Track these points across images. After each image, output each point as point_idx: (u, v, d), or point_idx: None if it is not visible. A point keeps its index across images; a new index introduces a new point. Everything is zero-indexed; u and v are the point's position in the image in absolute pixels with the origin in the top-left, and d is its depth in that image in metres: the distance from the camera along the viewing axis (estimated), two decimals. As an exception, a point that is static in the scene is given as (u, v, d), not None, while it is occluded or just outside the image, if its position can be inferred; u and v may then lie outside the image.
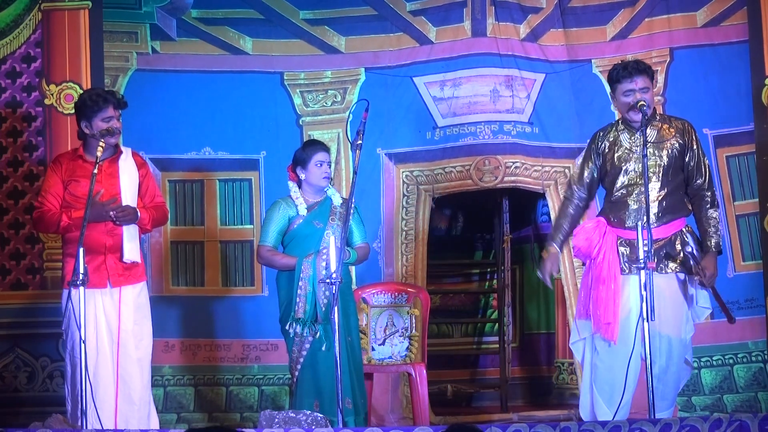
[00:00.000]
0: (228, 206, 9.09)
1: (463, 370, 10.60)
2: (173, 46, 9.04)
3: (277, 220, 7.54)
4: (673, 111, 8.52)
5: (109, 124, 7.14)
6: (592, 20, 9.00)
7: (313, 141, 7.84)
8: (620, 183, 7.03)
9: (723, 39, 8.74)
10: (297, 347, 7.39)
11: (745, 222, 8.67)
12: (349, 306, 7.48)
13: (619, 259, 6.98)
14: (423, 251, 9.00)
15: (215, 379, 8.94)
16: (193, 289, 8.95)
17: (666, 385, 6.90)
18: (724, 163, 8.72)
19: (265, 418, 6.68)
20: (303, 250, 7.41)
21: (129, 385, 7.14)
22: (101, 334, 7.12)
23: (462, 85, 9.04)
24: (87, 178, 7.07)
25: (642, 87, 6.91)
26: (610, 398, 6.91)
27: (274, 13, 9.09)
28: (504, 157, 8.97)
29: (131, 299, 7.23)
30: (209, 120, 9.04)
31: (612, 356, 6.90)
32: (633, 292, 6.84)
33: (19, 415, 8.33)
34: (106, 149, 7.14)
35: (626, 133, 7.07)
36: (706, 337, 8.34)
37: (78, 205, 7.10)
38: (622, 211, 7.01)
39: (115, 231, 7.18)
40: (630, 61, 7.14)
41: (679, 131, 7.01)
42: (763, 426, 5.88)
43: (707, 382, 8.64)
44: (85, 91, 7.47)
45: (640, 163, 6.90)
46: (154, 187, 7.50)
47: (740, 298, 8.58)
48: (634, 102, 6.89)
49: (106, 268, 7.17)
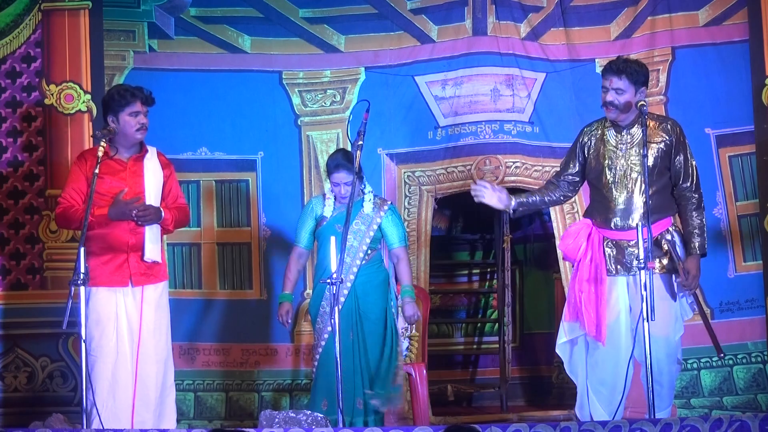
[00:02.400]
0: (225, 208, 9.10)
1: (463, 370, 10.71)
2: (171, 44, 9.07)
3: (307, 221, 7.72)
4: (676, 110, 8.64)
5: (136, 119, 7.16)
6: (595, 19, 9.03)
7: (338, 159, 7.66)
8: (604, 181, 7.06)
9: (725, 38, 8.79)
10: (315, 347, 7.58)
11: (747, 222, 8.72)
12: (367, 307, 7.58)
13: (605, 260, 7.03)
14: (426, 252, 9.04)
15: (215, 384, 8.96)
16: (189, 292, 8.94)
17: (661, 386, 6.92)
18: (726, 162, 8.76)
19: (265, 418, 6.77)
20: (324, 251, 7.44)
21: (147, 385, 7.12)
22: (122, 333, 7.11)
23: (463, 84, 9.07)
24: (112, 174, 7.15)
25: (616, 87, 6.93)
26: (604, 399, 6.99)
27: (274, 12, 9.12)
28: (504, 157, 9.00)
29: (153, 299, 7.22)
30: (206, 120, 9.05)
31: (605, 357, 6.97)
32: (621, 294, 6.95)
33: (19, 415, 8.35)
34: (130, 147, 7.21)
35: (613, 130, 7.10)
36: (706, 338, 8.19)
37: (101, 203, 7.11)
38: (607, 211, 7.04)
39: (138, 230, 7.16)
40: (618, 60, 7.15)
41: (666, 131, 7.02)
42: (764, 426, 5.95)
43: (707, 384, 8.67)
44: (113, 87, 7.46)
45: (625, 162, 6.97)
46: (177, 188, 7.48)
47: (741, 298, 8.68)
48: (605, 100, 6.97)
49: (128, 266, 7.15)
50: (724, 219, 8.75)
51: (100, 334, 7.05)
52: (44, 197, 8.71)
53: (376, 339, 7.58)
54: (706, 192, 8.43)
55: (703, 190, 7.20)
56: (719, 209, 8.76)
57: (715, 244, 8.63)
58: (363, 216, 7.63)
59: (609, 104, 6.96)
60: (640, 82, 7.01)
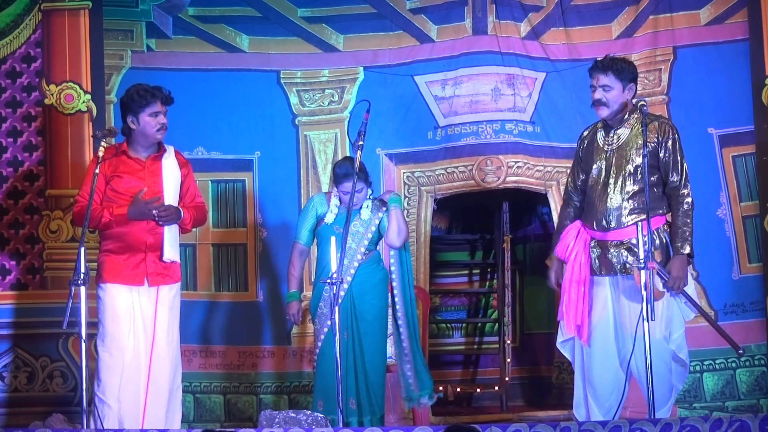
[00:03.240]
0: (221, 208, 9.10)
1: (463, 370, 10.67)
2: (168, 44, 9.09)
3: (308, 218, 7.71)
4: (678, 110, 8.68)
5: (156, 119, 7.16)
6: (596, 18, 9.05)
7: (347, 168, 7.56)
8: (590, 183, 7.13)
9: (728, 37, 8.78)
10: (314, 348, 7.62)
11: (752, 223, 8.69)
12: (363, 307, 7.60)
13: (590, 261, 7.06)
14: (425, 253, 9.05)
15: (212, 387, 8.96)
16: (185, 293, 8.41)
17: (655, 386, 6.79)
18: (730, 163, 8.73)
19: (265, 418, 6.81)
20: (323, 252, 7.56)
21: (159, 384, 7.13)
22: (137, 332, 7.13)
23: (463, 84, 9.09)
24: (131, 174, 7.18)
25: (603, 84, 7.01)
26: (598, 398, 7.03)
27: (272, 11, 9.14)
28: (506, 157, 9.02)
29: (167, 299, 7.23)
30: (203, 119, 9.05)
31: (591, 358, 7.03)
32: (606, 294, 7.00)
33: (19, 415, 8.38)
34: (149, 147, 7.23)
35: (602, 131, 7.16)
36: (709, 340, 8.30)
37: (121, 202, 7.14)
38: (592, 212, 7.09)
39: (157, 230, 7.17)
40: (600, 59, 7.20)
41: (655, 130, 7.00)
42: (764, 426, 5.97)
43: (709, 387, 8.66)
44: (132, 86, 7.41)
45: (609, 162, 7.02)
46: (195, 187, 7.50)
47: (745, 300, 8.64)
48: (594, 98, 7.04)
49: (145, 266, 7.16)
50: (728, 220, 8.70)
51: (117, 330, 7.08)
52: (44, 197, 8.73)
53: (372, 339, 7.60)
54: (710, 192, 8.50)
55: (707, 191, 7.17)
56: (723, 210, 8.72)
57: (718, 246, 8.67)
58: (360, 219, 7.66)
59: (597, 102, 7.03)
60: (627, 79, 7.06)
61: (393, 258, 7.78)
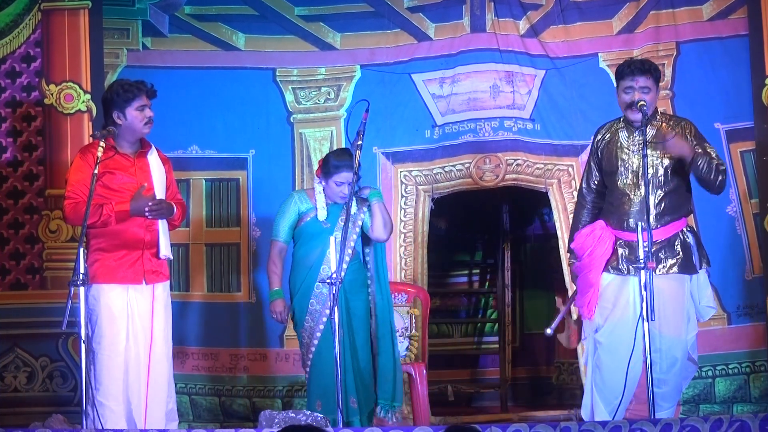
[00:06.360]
0: (214, 207, 9.18)
1: (463, 370, 10.75)
2: (164, 42, 9.19)
3: (288, 214, 7.66)
4: (683, 105, 8.79)
5: (143, 113, 7.22)
6: (598, 14, 9.09)
7: (342, 159, 7.58)
8: (618, 183, 7.21)
9: (732, 32, 8.83)
10: (305, 349, 7.61)
11: (759, 221, 8.69)
12: (355, 304, 7.60)
13: (612, 257, 7.18)
14: (423, 253, 9.09)
15: (206, 389, 9.04)
16: (177, 294, 8.74)
17: (667, 385, 7.08)
18: (738, 158, 8.79)
19: (265, 418, 6.92)
20: (309, 249, 7.60)
21: (159, 384, 7.21)
22: (136, 331, 7.18)
23: (461, 82, 9.14)
24: (123, 170, 7.22)
25: (642, 86, 7.09)
26: (608, 400, 7.14)
27: (269, 10, 9.23)
28: (505, 155, 9.06)
29: (162, 297, 7.30)
30: (197, 117, 9.14)
31: (610, 358, 7.12)
32: (632, 294, 7.05)
33: (18, 416, 8.45)
34: (134, 142, 7.29)
35: (625, 131, 7.27)
36: (721, 345, 8.46)
37: (115, 199, 7.15)
38: (621, 212, 7.19)
39: (153, 226, 7.23)
40: (636, 60, 7.36)
41: (680, 128, 7.16)
42: (764, 426, 6.06)
43: (720, 392, 8.67)
44: (114, 82, 7.49)
45: (638, 162, 7.11)
46: (175, 185, 7.58)
47: (760, 301, 8.62)
48: (631, 100, 7.08)
49: (142, 264, 7.22)
50: (739, 218, 8.77)
51: (114, 331, 7.13)
52: (44, 197, 8.84)
53: (364, 336, 7.64)
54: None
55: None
56: (733, 207, 8.79)
57: (730, 245, 8.76)
58: (348, 215, 7.47)
59: (640, 104, 7.05)
60: (659, 81, 7.26)
61: (368, 256, 7.79)
